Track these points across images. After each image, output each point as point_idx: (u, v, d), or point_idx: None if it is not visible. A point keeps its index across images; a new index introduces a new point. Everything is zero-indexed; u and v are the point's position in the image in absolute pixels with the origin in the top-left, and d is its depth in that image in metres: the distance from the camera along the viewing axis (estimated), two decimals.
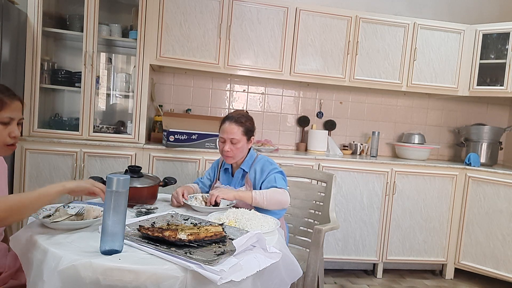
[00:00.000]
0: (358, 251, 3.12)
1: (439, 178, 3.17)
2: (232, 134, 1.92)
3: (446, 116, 3.81)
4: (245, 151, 2.00)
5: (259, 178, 1.94)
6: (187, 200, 1.80)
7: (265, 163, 1.97)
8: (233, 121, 1.94)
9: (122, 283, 1.04)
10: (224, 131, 1.95)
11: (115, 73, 3.14)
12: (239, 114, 2.00)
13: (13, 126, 1.41)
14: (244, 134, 1.95)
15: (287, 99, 3.55)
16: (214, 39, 2.98)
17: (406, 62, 3.27)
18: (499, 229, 3.01)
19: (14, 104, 1.40)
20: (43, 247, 1.15)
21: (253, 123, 2.03)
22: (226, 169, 2.08)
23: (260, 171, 1.95)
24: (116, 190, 1.13)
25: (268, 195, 1.80)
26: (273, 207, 1.83)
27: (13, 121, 1.41)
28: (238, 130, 1.93)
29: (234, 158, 1.96)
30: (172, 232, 1.22)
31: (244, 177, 1.99)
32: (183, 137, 2.85)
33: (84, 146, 2.72)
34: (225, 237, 1.27)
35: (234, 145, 1.93)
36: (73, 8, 2.95)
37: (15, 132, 1.41)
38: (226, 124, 1.95)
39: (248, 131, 1.97)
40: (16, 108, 1.41)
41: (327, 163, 3.02)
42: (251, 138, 2.00)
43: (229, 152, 1.93)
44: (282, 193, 1.84)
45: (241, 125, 1.94)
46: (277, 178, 1.89)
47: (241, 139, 1.93)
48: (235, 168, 2.04)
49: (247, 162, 2.00)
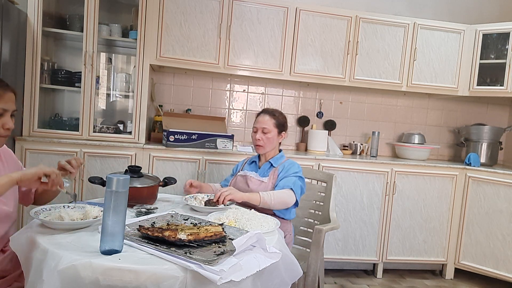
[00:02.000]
0: (358, 251, 3.12)
1: (439, 178, 3.17)
2: (264, 123, 2.07)
3: (446, 116, 3.81)
4: (275, 144, 2.11)
5: (283, 175, 2.01)
6: (195, 189, 1.96)
7: (294, 165, 2.07)
8: (267, 113, 2.11)
9: (122, 283, 1.04)
10: (258, 121, 2.11)
11: (115, 73, 3.14)
12: (274, 109, 2.16)
13: (6, 118, 1.39)
14: (276, 127, 2.08)
15: (287, 99, 3.55)
16: (214, 39, 2.98)
17: (406, 62, 3.27)
18: (499, 229, 3.01)
19: (7, 95, 1.39)
20: (43, 247, 1.15)
21: (286, 120, 2.17)
22: (253, 162, 2.18)
23: (287, 170, 2.03)
24: (116, 190, 1.13)
25: (275, 195, 1.87)
26: (279, 207, 1.91)
27: (7, 112, 1.39)
28: (270, 121, 2.08)
29: (264, 148, 2.08)
30: (172, 232, 1.22)
31: (271, 169, 2.07)
32: (183, 137, 2.85)
33: (84, 146, 2.72)
34: (225, 237, 1.27)
35: (265, 134, 2.06)
36: (73, 8, 2.95)
37: (9, 123, 1.40)
38: (261, 115, 2.12)
39: (280, 125, 2.11)
40: (9, 99, 1.40)
41: (327, 163, 3.03)
42: (282, 133, 2.13)
43: (260, 140, 2.06)
44: (289, 194, 1.91)
45: (274, 118, 2.09)
46: (295, 182, 1.96)
47: (272, 130, 2.07)
48: (263, 162, 2.14)
49: (276, 158, 2.11)
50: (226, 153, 2.87)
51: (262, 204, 1.83)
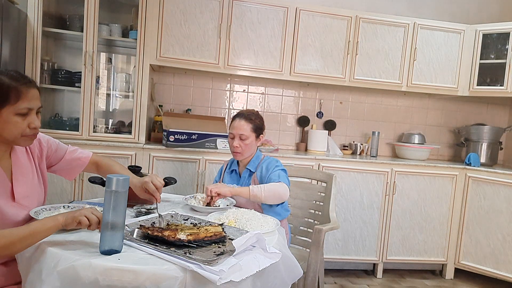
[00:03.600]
0: (358, 251, 3.12)
1: (439, 178, 3.17)
2: (241, 130, 1.97)
3: (446, 116, 3.81)
4: (253, 149, 2.04)
5: (265, 175, 1.97)
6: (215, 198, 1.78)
7: (271, 162, 2.01)
8: (243, 118, 2.00)
9: (122, 283, 1.04)
10: (234, 127, 2.00)
11: (115, 73, 3.14)
12: (249, 112, 2.05)
13: (32, 117, 1.29)
14: (253, 131, 2.00)
15: (287, 99, 3.55)
16: (214, 39, 2.98)
17: (406, 62, 3.27)
18: (499, 229, 3.01)
19: (31, 92, 1.28)
20: (42, 247, 1.15)
21: (263, 122, 2.08)
22: (233, 171, 2.11)
23: (266, 169, 1.98)
24: (115, 190, 1.13)
25: (266, 188, 1.81)
26: (271, 200, 1.85)
27: (32, 111, 1.29)
28: (248, 126, 1.98)
29: (242, 154, 2.00)
30: (171, 232, 1.22)
31: (251, 176, 2.01)
32: (183, 137, 2.85)
33: (84, 146, 2.70)
34: (224, 237, 1.27)
35: (243, 141, 1.98)
36: (73, 8, 2.95)
37: (34, 122, 1.30)
38: (236, 120, 2.01)
39: (257, 128, 2.02)
40: (33, 96, 1.30)
41: (327, 163, 3.02)
42: (260, 136, 2.05)
43: (238, 148, 1.98)
44: (280, 185, 1.85)
45: (251, 122, 2.00)
46: (280, 175, 1.92)
47: (250, 135, 1.98)
48: (242, 168, 2.07)
49: (253, 162, 2.03)
50: (226, 153, 2.87)
51: (252, 198, 1.80)
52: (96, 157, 1.67)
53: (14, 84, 1.25)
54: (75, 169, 1.63)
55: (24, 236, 1.11)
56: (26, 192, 1.39)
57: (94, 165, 1.67)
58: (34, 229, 1.13)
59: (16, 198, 1.36)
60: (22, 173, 1.40)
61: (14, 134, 1.28)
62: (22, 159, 1.42)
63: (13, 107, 1.25)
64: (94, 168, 1.67)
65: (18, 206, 1.36)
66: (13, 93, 1.25)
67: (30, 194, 1.41)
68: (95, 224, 1.18)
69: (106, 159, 1.69)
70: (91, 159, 1.65)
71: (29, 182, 1.42)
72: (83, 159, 1.63)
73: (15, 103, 1.25)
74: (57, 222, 1.16)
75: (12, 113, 1.26)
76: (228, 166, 2.15)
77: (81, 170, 1.64)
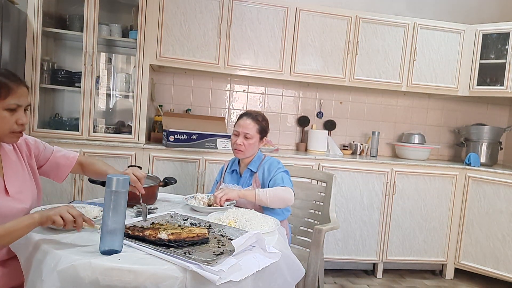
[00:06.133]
0: (358, 251, 3.12)
1: (439, 178, 3.17)
2: (247, 129, 1.98)
3: (446, 116, 3.81)
4: (255, 149, 2.04)
5: (267, 176, 1.97)
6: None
7: (273, 163, 2.02)
8: (251, 118, 2.02)
9: (122, 283, 1.04)
10: (240, 125, 2.01)
11: (115, 73, 3.14)
12: (257, 113, 2.06)
13: (20, 113, 1.35)
14: (258, 132, 2.02)
15: (287, 99, 3.55)
16: (214, 39, 2.98)
17: (406, 62, 3.27)
18: (499, 229, 3.01)
19: (20, 90, 1.34)
20: (42, 247, 1.15)
21: (268, 125, 2.09)
22: (234, 171, 2.11)
23: (268, 170, 1.99)
24: (115, 190, 1.13)
25: (272, 193, 1.83)
26: (276, 205, 1.87)
27: (20, 107, 1.35)
28: (254, 126, 2.00)
29: (244, 153, 2.00)
30: (153, 231, 1.24)
31: (252, 176, 2.02)
32: (183, 137, 2.85)
33: (84, 146, 2.72)
34: (208, 239, 1.26)
35: (247, 140, 1.98)
36: (73, 8, 2.95)
37: (22, 119, 1.35)
38: (244, 119, 2.02)
39: (263, 130, 2.04)
40: (22, 94, 1.35)
41: (327, 163, 3.02)
42: (263, 139, 2.06)
43: (241, 146, 1.98)
44: (285, 190, 1.87)
45: (257, 123, 2.01)
46: (284, 177, 1.93)
47: (254, 136, 2.00)
48: (243, 168, 2.08)
49: (254, 162, 2.04)
50: (226, 153, 2.87)
51: (258, 202, 1.82)
52: (81, 157, 1.70)
53: (5, 81, 1.31)
54: (63, 169, 1.65)
55: (0, 234, 1.13)
56: (19, 188, 1.42)
57: (80, 165, 1.69)
58: (10, 227, 1.15)
59: (10, 193, 1.39)
60: (12, 169, 1.43)
61: (2, 129, 1.33)
62: (12, 157, 1.45)
63: (2, 102, 1.30)
64: (80, 168, 1.70)
65: (12, 199, 1.39)
66: (3, 88, 1.30)
67: (23, 190, 1.44)
68: (70, 223, 1.19)
69: (89, 158, 1.73)
70: (78, 159, 1.68)
71: (20, 177, 1.45)
72: (71, 158, 1.66)
73: (4, 98, 1.30)
74: (32, 220, 1.18)
75: (1, 108, 1.31)
76: (229, 166, 2.15)
77: (69, 170, 1.66)
